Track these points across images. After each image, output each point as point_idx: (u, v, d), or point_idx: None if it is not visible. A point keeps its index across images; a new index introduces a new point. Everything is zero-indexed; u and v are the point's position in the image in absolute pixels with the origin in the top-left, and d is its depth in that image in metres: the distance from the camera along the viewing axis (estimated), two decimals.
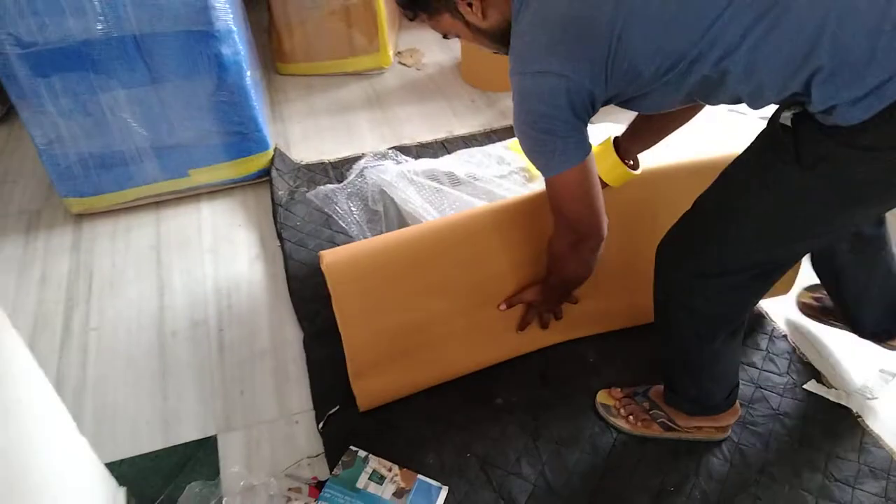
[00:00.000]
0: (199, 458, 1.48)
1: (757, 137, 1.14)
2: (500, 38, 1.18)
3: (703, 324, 1.28)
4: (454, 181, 1.61)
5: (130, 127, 1.92)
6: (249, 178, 2.17)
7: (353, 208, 1.85)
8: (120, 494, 1.33)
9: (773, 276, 1.21)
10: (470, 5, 1.14)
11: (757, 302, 1.35)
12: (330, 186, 1.91)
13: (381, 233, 1.82)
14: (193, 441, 1.51)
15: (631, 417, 1.49)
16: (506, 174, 1.64)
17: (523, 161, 1.70)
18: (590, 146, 1.16)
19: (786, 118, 1.04)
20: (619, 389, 1.55)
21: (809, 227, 1.13)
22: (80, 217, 2.11)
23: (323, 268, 1.36)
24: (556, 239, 1.32)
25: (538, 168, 1.21)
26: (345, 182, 1.85)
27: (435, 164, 1.67)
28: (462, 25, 1.19)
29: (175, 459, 1.47)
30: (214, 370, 1.66)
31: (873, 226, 1.43)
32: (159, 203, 2.14)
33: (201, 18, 1.79)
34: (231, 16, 1.85)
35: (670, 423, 1.47)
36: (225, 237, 2.03)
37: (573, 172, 1.16)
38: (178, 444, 1.50)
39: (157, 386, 1.63)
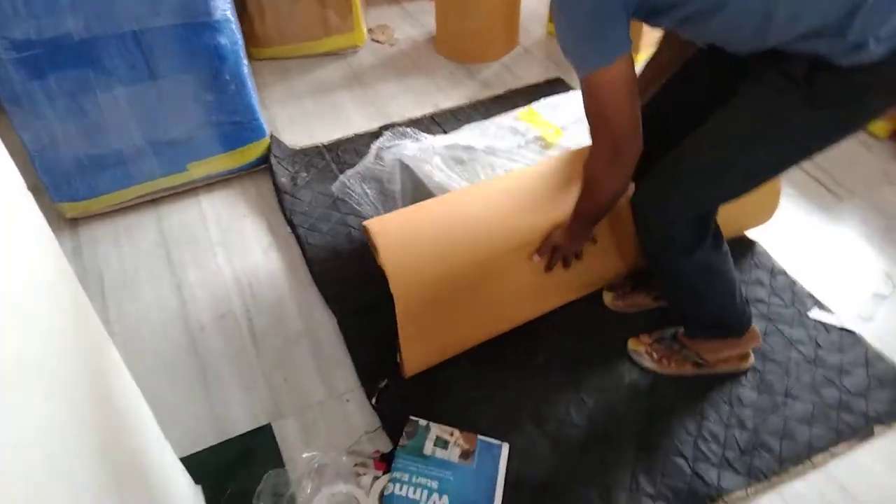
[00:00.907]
0: (258, 446, 1.51)
1: (749, 92, 1.22)
2: None
3: (687, 247, 1.38)
4: (473, 155, 1.66)
5: (129, 125, 1.89)
6: (247, 168, 2.17)
7: (368, 190, 1.88)
8: (198, 491, 1.36)
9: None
10: None
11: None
12: (349, 172, 1.92)
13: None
14: (248, 432, 1.54)
15: (663, 360, 1.60)
16: (523, 144, 1.70)
17: (537, 130, 1.76)
18: (630, 42, 1.15)
19: (792, 68, 1.13)
20: (647, 335, 1.65)
21: (800, 160, 1.25)
22: (75, 221, 2.07)
23: (372, 236, 1.40)
24: (594, 157, 1.30)
25: (582, 62, 1.17)
26: (360, 165, 1.87)
27: (453, 138, 1.71)
28: None
29: (234, 451, 1.50)
30: (252, 359, 1.69)
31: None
32: (156, 200, 2.12)
33: (201, 9, 1.77)
34: (229, 4, 1.84)
35: (699, 360, 1.58)
36: (232, 229, 2.03)
37: (621, 63, 1.14)
38: (234, 437, 1.53)
39: (198, 381, 1.65)
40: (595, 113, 1.22)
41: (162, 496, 1.09)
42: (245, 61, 1.96)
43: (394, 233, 1.44)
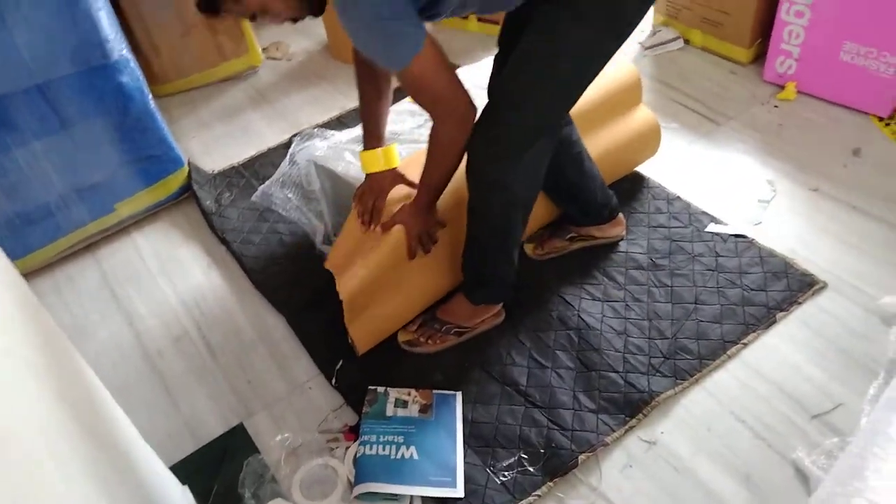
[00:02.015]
0: (235, 444, 1.62)
1: (532, 26, 1.36)
2: (312, 4, 1.28)
3: (519, 201, 1.51)
4: None
5: (50, 176, 1.96)
6: (172, 199, 2.26)
7: (290, 195, 2.00)
8: (186, 491, 1.46)
9: (557, 133, 1.48)
10: None
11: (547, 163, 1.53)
12: (266, 183, 2.04)
13: (321, 211, 1.99)
14: (223, 434, 1.65)
15: (430, 340, 1.71)
16: (422, 124, 1.84)
17: None
18: (424, 28, 1.26)
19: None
20: (411, 323, 1.75)
21: (593, 73, 1.40)
22: None
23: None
24: (441, 131, 1.41)
25: (392, 63, 1.28)
26: (277, 173, 1.99)
27: (357, 131, 1.84)
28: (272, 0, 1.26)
29: (213, 453, 1.61)
30: (215, 371, 1.79)
31: (565, 129, 1.69)
32: (91, 245, 2.19)
33: (98, 53, 1.86)
34: (124, 45, 1.93)
35: (459, 329, 1.72)
36: (170, 258, 2.12)
37: (427, 50, 1.25)
38: (211, 441, 1.64)
39: (166, 401, 1.74)
40: (427, 98, 1.36)
41: (154, 498, 1.20)
42: (150, 97, 2.06)
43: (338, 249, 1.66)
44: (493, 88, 1.47)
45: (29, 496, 0.71)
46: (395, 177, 1.65)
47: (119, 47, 1.92)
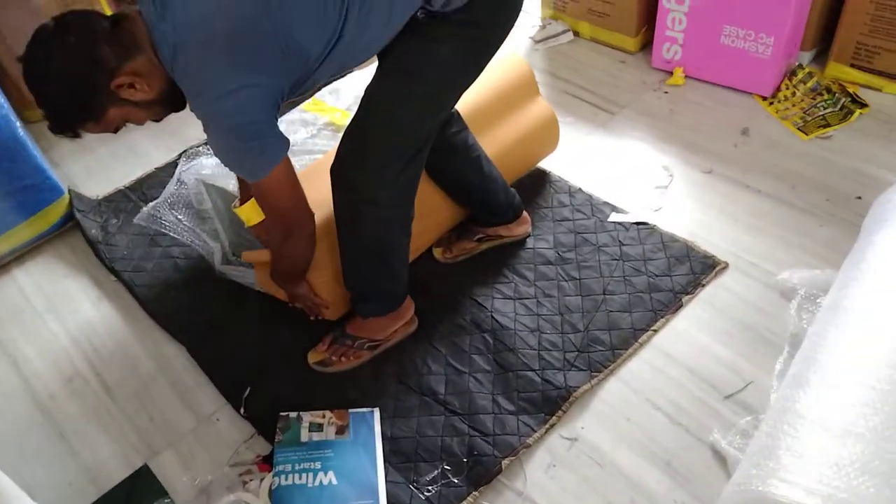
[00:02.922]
0: (141, 488, 1.52)
1: (392, 58, 1.37)
2: (170, 98, 1.27)
3: (390, 210, 1.47)
4: None
5: None
6: (54, 230, 2.11)
7: (180, 217, 1.90)
8: None
9: (427, 149, 1.47)
10: (133, 86, 1.21)
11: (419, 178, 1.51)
12: (151, 204, 1.92)
13: (216, 230, 1.89)
14: (126, 479, 1.54)
15: (343, 358, 1.66)
16: (315, 133, 1.78)
17: (325, 117, 1.85)
18: (286, 139, 1.28)
19: (418, 19, 1.31)
20: (321, 343, 1.69)
21: (455, 91, 1.43)
22: None
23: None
24: (272, 233, 1.44)
25: (250, 176, 1.29)
26: (164, 194, 1.88)
27: None
28: (131, 108, 1.25)
29: (118, 500, 1.50)
30: (113, 410, 1.68)
31: (459, 136, 1.69)
32: None
33: None
34: None
35: (373, 342, 1.67)
36: (56, 293, 1.98)
37: (282, 166, 1.28)
38: (114, 487, 1.53)
39: (61, 447, 1.62)
40: (270, 206, 1.37)
41: None
42: (19, 123, 1.91)
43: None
44: (361, 102, 1.43)
45: None
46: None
47: None
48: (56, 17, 1.21)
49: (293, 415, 1.55)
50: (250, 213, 1.45)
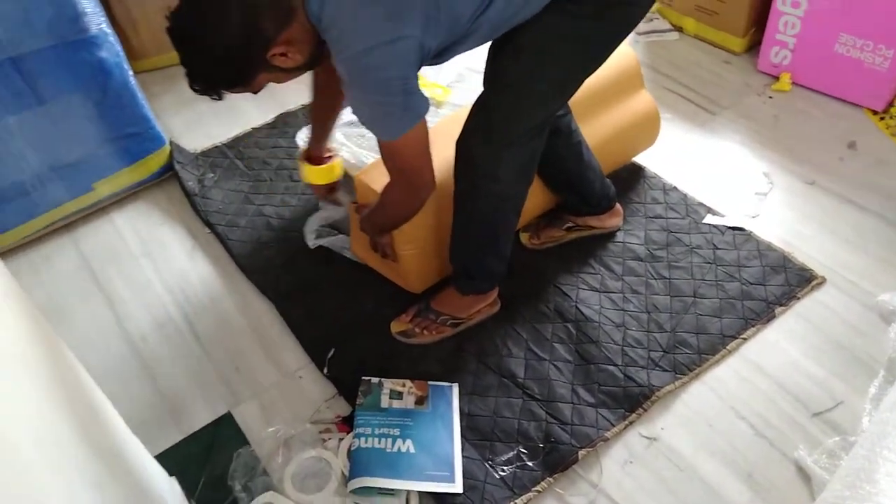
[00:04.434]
0: (223, 434, 1.56)
1: (527, 36, 1.33)
2: (318, 58, 1.25)
3: (507, 188, 1.48)
4: None
5: (26, 153, 1.87)
6: (153, 178, 2.17)
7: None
8: (174, 482, 1.41)
9: (547, 130, 1.47)
10: (284, 55, 1.19)
11: (538, 159, 1.51)
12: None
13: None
14: (210, 423, 1.59)
15: (425, 331, 1.67)
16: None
17: (426, 92, 1.83)
18: (427, 99, 1.25)
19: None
20: (404, 314, 1.70)
21: (584, 74, 1.41)
22: None
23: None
24: (393, 190, 1.42)
25: (387, 134, 1.27)
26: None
27: (348, 114, 1.76)
28: (280, 73, 1.24)
29: (200, 444, 1.55)
30: (201, 358, 1.73)
31: (563, 119, 1.68)
32: (69, 225, 2.10)
33: (75, 28, 1.77)
34: (102, 19, 1.84)
35: (455, 320, 1.67)
36: (152, 239, 2.04)
37: (421, 125, 1.26)
38: (197, 430, 1.58)
39: (151, 388, 1.68)
40: (399, 167, 1.35)
41: (141, 490, 1.15)
42: (130, 72, 1.97)
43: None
44: (487, 77, 1.43)
45: (10, 484, 0.65)
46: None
47: (97, 21, 1.83)
48: None
49: (375, 380, 1.58)
50: (318, 175, 1.55)
